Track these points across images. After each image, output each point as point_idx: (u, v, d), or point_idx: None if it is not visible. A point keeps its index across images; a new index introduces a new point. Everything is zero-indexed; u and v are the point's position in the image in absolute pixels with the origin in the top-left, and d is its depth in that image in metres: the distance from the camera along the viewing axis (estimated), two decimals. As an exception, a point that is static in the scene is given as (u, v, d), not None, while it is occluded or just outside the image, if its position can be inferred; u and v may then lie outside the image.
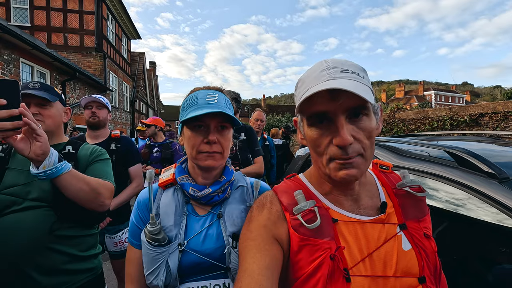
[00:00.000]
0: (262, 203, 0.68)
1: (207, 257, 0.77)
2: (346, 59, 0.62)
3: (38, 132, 0.90)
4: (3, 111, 0.82)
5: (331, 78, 0.56)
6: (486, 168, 1.18)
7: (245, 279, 0.55)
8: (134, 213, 0.86)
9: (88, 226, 1.25)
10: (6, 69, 6.41)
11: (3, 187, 1.09)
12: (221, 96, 0.82)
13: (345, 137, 0.54)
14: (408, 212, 0.65)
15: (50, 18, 11.15)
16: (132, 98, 17.25)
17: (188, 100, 0.82)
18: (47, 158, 0.94)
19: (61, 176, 0.99)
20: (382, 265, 0.58)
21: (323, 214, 0.62)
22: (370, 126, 0.57)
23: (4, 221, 1.05)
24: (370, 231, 0.61)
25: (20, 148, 0.89)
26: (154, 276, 0.75)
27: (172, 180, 0.85)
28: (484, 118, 3.90)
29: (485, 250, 1.12)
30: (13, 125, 0.83)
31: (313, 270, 0.57)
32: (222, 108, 0.78)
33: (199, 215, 0.84)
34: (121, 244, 2.19)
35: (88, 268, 1.23)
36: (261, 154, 2.29)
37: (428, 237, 0.63)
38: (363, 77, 0.58)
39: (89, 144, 1.37)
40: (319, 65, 0.61)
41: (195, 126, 0.79)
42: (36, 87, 1.19)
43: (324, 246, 0.58)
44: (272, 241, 0.61)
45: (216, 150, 0.79)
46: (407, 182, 0.68)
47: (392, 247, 0.60)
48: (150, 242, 0.75)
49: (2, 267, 1.04)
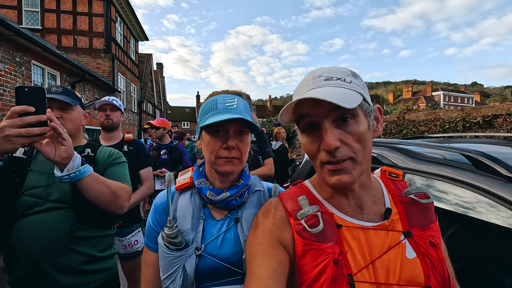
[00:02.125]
0: (267, 209, 0.69)
1: (224, 261, 0.77)
2: (335, 66, 0.64)
3: (64, 136, 0.92)
4: (32, 117, 0.84)
5: (315, 87, 0.59)
6: (505, 172, 1.16)
7: (253, 283, 0.56)
8: (151, 216, 0.86)
9: (106, 227, 1.28)
10: (18, 71, 6.54)
11: (26, 188, 1.12)
12: (240, 100, 0.82)
13: (328, 141, 0.55)
14: (414, 219, 0.64)
15: (60, 20, 11.35)
16: (139, 99, 17.42)
17: (207, 105, 0.81)
18: (71, 161, 0.96)
19: (84, 179, 1.01)
20: (385, 273, 0.58)
21: (327, 219, 0.62)
22: (358, 130, 0.57)
23: (27, 222, 1.08)
24: (373, 237, 0.61)
25: (46, 152, 0.91)
26: (170, 280, 0.75)
27: (190, 183, 0.85)
28: (498, 120, 3.81)
29: (503, 255, 1.09)
30: (41, 131, 0.86)
31: (317, 275, 0.57)
32: (242, 114, 0.77)
33: (216, 219, 0.83)
34: (130, 247, 2.20)
35: (105, 268, 1.26)
36: (271, 156, 2.29)
37: (434, 246, 0.62)
38: (350, 81, 0.59)
39: (106, 147, 1.39)
40: (308, 75, 0.64)
41: (214, 131, 0.79)
42: (58, 91, 1.23)
43: (328, 250, 0.58)
44: (278, 245, 0.61)
45: (234, 155, 0.79)
46: (412, 190, 0.67)
47: (395, 255, 0.59)
48: (168, 245, 0.75)
49: (24, 267, 1.07)
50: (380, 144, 1.98)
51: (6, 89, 6.15)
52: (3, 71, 6.05)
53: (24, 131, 0.83)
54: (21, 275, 1.08)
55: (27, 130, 0.83)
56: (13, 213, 1.09)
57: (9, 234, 1.09)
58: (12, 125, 0.82)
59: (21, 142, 0.84)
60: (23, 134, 0.83)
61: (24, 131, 0.83)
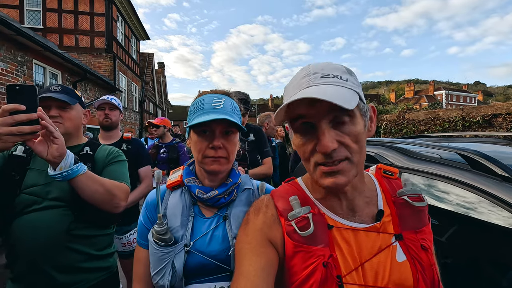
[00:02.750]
0: (258, 207, 0.69)
1: (213, 258, 0.78)
2: (330, 62, 0.61)
3: (55, 134, 0.93)
4: (23, 115, 0.84)
5: (310, 85, 0.56)
6: (500, 171, 1.16)
7: (241, 280, 0.56)
8: (142, 214, 0.87)
9: (104, 226, 1.28)
10: (19, 70, 6.57)
11: (25, 186, 1.13)
12: (227, 100, 0.82)
13: (326, 144, 0.53)
14: (406, 222, 0.63)
15: (61, 20, 11.39)
16: (141, 99, 17.47)
17: (195, 105, 0.83)
18: (64, 160, 0.97)
19: (77, 177, 1.01)
20: (374, 275, 0.57)
21: (317, 220, 0.61)
22: (356, 130, 0.56)
23: (25, 220, 1.09)
24: (363, 239, 0.60)
25: (39, 151, 0.92)
26: (160, 276, 0.76)
27: (180, 181, 0.86)
28: (497, 119, 3.81)
29: (498, 254, 1.09)
30: (31, 129, 0.86)
31: (306, 277, 0.57)
32: (228, 114, 0.78)
33: (206, 216, 0.84)
34: (129, 245, 2.22)
35: (104, 267, 1.26)
36: (270, 155, 2.29)
37: (425, 249, 0.61)
38: (346, 79, 0.57)
39: (106, 145, 1.40)
40: (301, 71, 0.60)
41: (201, 131, 0.80)
42: (57, 90, 1.23)
43: (318, 253, 0.58)
44: (267, 244, 0.61)
45: (221, 155, 0.80)
46: (407, 191, 0.66)
47: (385, 257, 0.59)
48: (157, 242, 0.76)
49: (24, 264, 1.09)
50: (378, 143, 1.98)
51: (8, 89, 6.18)
52: (4, 71, 6.07)
53: (15, 129, 0.83)
54: (21, 272, 1.10)
55: (18, 129, 0.84)
56: (12, 211, 1.10)
57: (9, 232, 1.10)
58: (2, 123, 0.82)
59: (12, 140, 0.84)
60: (14, 132, 0.83)
61: (15, 129, 0.83)
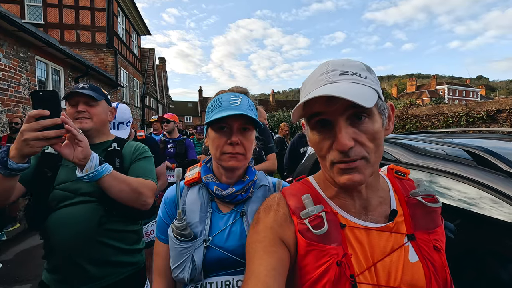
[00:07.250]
0: (269, 205, 0.69)
1: (231, 253, 0.80)
2: (349, 59, 0.60)
3: (79, 137, 0.97)
4: (47, 120, 0.88)
5: (329, 82, 0.55)
6: (506, 168, 1.17)
7: (252, 280, 0.55)
8: (161, 209, 0.90)
9: (133, 221, 1.32)
10: (22, 66, 6.56)
11: (58, 182, 1.18)
12: (244, 98, 0.85)
13: (343, 142, 0.52)
14: (419, 222, 0.63)
15: (62, 15, 11.34)
16: (142, 94, 17.46)
17: (213, 103, 0.85)
18: (89, 162, 1.00)
19: (103, 178, 1.05)
20: (386, 275, 0.57)
21: (331, 219, 0.61)
22: (373, 129, 0.55)
23: (59, 214, 1.14)
24: (376, 239, 0.60)
25: (65, 153, 0.96)
26: (180, 269, 0.79)
27: (198, 178, 0.89)
28: (501, 115, 3.79)
29: (503, 251, 1.11)
30: (56, 133, 0.90)
31: (319, 276, 0.56)
32: (245, 110, 0.79)
33: (223, 212, 0.87)
34: (147, 236, 2.39)
35: (132, 262, 1.31)
36: (274, 151, 2.32)
37: (438, 250, 0.60)
38: (365, 77, 0.56)
39: (132, 141, 1.44)
40: (320, 68, 0.60)
41: (219, 128, 0.82)
42: (85, 88, 1.28)
43: (331, 252, 0.57)
44: (279, 242, 0.61)
45: (238, 151, 0.82)
46: (420, 191, 0.65)
47: (398, 257, 0.59)
48: (177, 237, 0.79)
49: (59, 256, 1.15)
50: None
51: (11, 85, 6.19)
52: (7, 67, 6.08)
53: (41, 134, 0.87)
54: (56, 264, 1.17)
55: (44, 133, 0.87)
56: (47, 206, 1.15)
57: (45, 226, 1.16)
58: (29, 129, 0.86)
59: (39, 145, 0.88)
60: (40, 137, 0.87)
61: (41, 134, 0.87)
